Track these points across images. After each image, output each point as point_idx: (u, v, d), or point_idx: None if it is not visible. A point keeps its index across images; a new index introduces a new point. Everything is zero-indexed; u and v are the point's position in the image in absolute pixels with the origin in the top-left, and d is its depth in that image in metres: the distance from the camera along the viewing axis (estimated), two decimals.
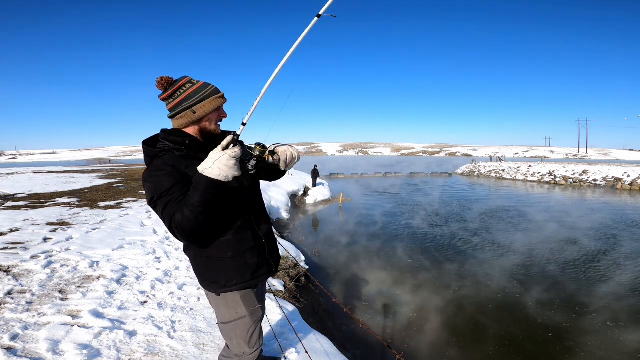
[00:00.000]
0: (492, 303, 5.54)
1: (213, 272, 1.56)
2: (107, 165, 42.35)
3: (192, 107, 1.44)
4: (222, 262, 1.53)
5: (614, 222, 11.33)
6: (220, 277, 1.56)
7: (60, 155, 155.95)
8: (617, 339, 4.50)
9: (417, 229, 10.60)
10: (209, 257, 1.54)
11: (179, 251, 4.86)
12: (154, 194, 1.34)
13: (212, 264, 1.54)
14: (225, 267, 1.54)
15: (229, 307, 1.61)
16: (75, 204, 8.60)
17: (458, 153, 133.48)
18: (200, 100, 1.44)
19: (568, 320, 4.98)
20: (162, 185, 1.34)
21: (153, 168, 1.39)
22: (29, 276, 3.62)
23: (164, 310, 3.02)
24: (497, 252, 8.19)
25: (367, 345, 4.33)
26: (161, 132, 1.49)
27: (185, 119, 1.46)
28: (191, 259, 1.62)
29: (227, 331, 1.67)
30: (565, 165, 29.03)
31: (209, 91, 1.46)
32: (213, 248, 1.52)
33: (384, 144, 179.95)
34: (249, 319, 1.64)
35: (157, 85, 1.45)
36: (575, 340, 4.50)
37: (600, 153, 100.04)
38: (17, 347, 2.34)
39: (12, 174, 19.88)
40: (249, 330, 1.65)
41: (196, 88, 1.45)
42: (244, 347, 1.68)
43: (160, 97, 1.48)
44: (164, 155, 1.43)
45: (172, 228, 1.31)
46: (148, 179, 1.37)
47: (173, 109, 1.46)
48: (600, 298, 5.62)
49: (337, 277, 6.68)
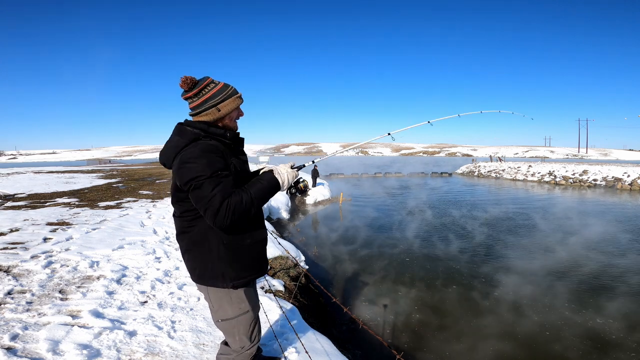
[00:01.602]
0: (495, 301, 5.53)
1: (226, 262, 1.58)
2: (107, 165, 42.33)
3: (217, 105, 1.55)
4: (239, 249, 1.59)
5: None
6: (233, 267, 1.59)
7: (60, 155, 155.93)
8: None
9: (417, 228, 10.60)
10: (227, 245, 1.57)
11: (179, 251, 4.84)
12: (203, 172, 1.39)
13: (228, 252, 1.57)
14: (241, 255, 1.60)
15: (232, 303, 1.65)
16: (75, 204, 8.60)
17: (458, 153, 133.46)
18: (224, 99, 1.56)
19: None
20: (215, 165, 1.42)
21: (203, 148, 1.45)
22: (29, 276, 3.62)
23: (164, 310, 3.02)
24: (517, 254, 8.19)
25: (367, 345, 4.33)
26: (200, 123, 1.55)
27: (210, 116, 1.56)
28: (210, 253, 1.57)
29: (230, 328, 1.70)
30: (565, 165, 29.02)
31: (230, 91, 1.58)
32: (233, 235, 1.58)
33: (384, 144, 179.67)
34: (251, 313, 1.70)
35: (181, 84, 1.53)
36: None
37: (600, 153, 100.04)
38: (17, 347, 2.34)
39: (12, 174, 19.88)
40: (251, 325, 1.72)
41: (219, 88, 1.56)
42: (246, 341, 1.73)
43: (185, 96, 1.57)
44: (208, 139, 1.51)
45: (221, 206, 1.37)
46: (196, 158, 1.42)
47: (198, 107, 1.56)
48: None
49: (337, 277, 6.68)
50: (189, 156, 1.43)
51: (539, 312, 5.21)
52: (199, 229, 1.56)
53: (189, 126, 1.54)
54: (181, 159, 1.45)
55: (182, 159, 1.44)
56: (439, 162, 69.91)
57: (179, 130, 1.55)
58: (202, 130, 1.52)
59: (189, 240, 1.60)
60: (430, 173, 34.58)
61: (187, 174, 1.42)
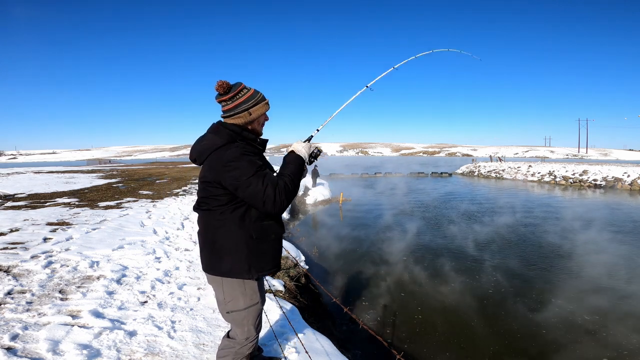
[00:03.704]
0: (495, 301, 5.53)
1: (256, 256, 1.69)
2: (107, 165, 42.33)
3: (248, 109, 1.70)
4: (266, 244, 1.72)
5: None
6: (259, 260, 1.71)
7: (60, 155, 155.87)
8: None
9: (417, 228, 10.59)
10: (256, 239, 1.68)
11: (179, 251, 4.87)
12: (248, 172, 1.55)
13: (257, 246, 1.69)
14: (267, 249, 1.73)
15: (246, 294, 1.74)
16: (75, 204, 8.60)
17: (458, 153, 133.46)
18: (255, 104, 1.72)
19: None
20: (255, 162, 1.59)
21: (242, 150, 1.60)
22: (29, 276, 3.62)
23: (164, 310, 3.02)
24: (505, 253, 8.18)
25: (367, 345, 4.33)
26: (235, 126, 1.70)
27: (241, 119, 1.71)
28: (237, 247, 1.67)
29: (240, 319, 1.77)
30: (565, 165, 29.00)
31: (260, 97, 1.75)
32: (262, 230, 1.70)
33: (384, 144, 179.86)
34: (260, 305, 1.82)
35: (217, 87, 1.68)
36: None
37: (600, 153, 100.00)
38: (17, 347, 2.34)
39: (12, 174, 19.88)
40: (259, 316, 1.86)
41: (251, 94, 1.72)
42: (252, 332, 1.83)
43: (220, 99, 1.71)
44: (242, 142, 1.66)
45: (275, 194, 1.54)
46: (238, 160, 1.57)
47: (232, 110, 1.70)
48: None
49: (337, 277, 6.68)
50: (231, 158, 1.57)
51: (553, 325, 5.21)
52: (228, 223, 1.66)
53: (225, 127, 1.68)
54: (223, 159, 1.58)
55: (225, 160, 1.57)
56: (439, 162, 69.91)
57: (216, 129, 1.69)
58: (236, 133, 1.66)
59: (218, 233, 1.68)
60: (430, 173, 34.57)
61: (232, 174, 1.55)
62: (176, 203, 9.10)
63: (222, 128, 1.67)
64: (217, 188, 1.62)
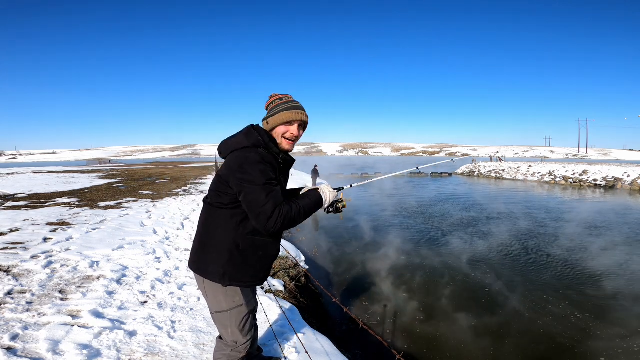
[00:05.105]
0: (495, 301, 5.53)
1: (234, 265, 1.65)
2: (107, 165, 42.35)
3: (266, 118, 1.76)
4: (250, 259, 1.67)
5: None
6: (237, 271, 1.66)
7: (60, 155, 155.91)
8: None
9: (417, 228, 10.60)
10: (242, 250, 1.64)
11: (179, 251, 4.87)
12: (257, 180, 1.52)
13: (240, 257, 1.65)
14: (249, 264, 1.68)
15: (227, 295, 1.70)
16: (75, 204, 8.60)
17: (458, 153, 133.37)
18: (273, 114, 1.74)
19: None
20: (268, 174, 1.56)
21: (259, 158, 1.58)
22: (29, 276, 3.62)
23: (164, 310, 3.02)
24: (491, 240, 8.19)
25: (367, 345, 4.33)
26: (265, 133, 1.71)
27: (265, 125, 1.77)
28: (220, 250, 1.65)
29: (223, 320, 1.74)
30: (565, 165, 29.00)
31: (281, 108, 1.75)
32: (250, 244, 1.65)
33: (384, 144, 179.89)
34: (244, 307, 1.74)
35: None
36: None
37: (600, 153, 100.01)
38: (17, 347, 2.34)
39: (12, 174, 19.88)
40: (244, 319, 1.75)
41: (275, 104, 1.77)
42: (238, 335, 1.76)
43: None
44: (262, 150, 1.64)
45: (274, 212, 1.50)
46: (254, 165, 1.55)
47: (265, 116, 1.78)
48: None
49: (337, 277, 6.67)
50: (248, 161, 1.55)
51: (549, 321, 5.21)
52: (222, 224, 1.65)
53: (257, 131, 1.68)
54: (240, 159, 1.57)
55: (241, 161, 1.56)
56: (438, 161, 69.76)
57: (247, 131, 1.69)
58: (264, 141, 1.65)
59: (209, 230, 1.68)
60: (431, 173, 34.57)
61: (242, 176, 1.54)
62: (176, 203, 9.10)
63: (252, 131, 1.68)
64: (226, 186, 1.62)
